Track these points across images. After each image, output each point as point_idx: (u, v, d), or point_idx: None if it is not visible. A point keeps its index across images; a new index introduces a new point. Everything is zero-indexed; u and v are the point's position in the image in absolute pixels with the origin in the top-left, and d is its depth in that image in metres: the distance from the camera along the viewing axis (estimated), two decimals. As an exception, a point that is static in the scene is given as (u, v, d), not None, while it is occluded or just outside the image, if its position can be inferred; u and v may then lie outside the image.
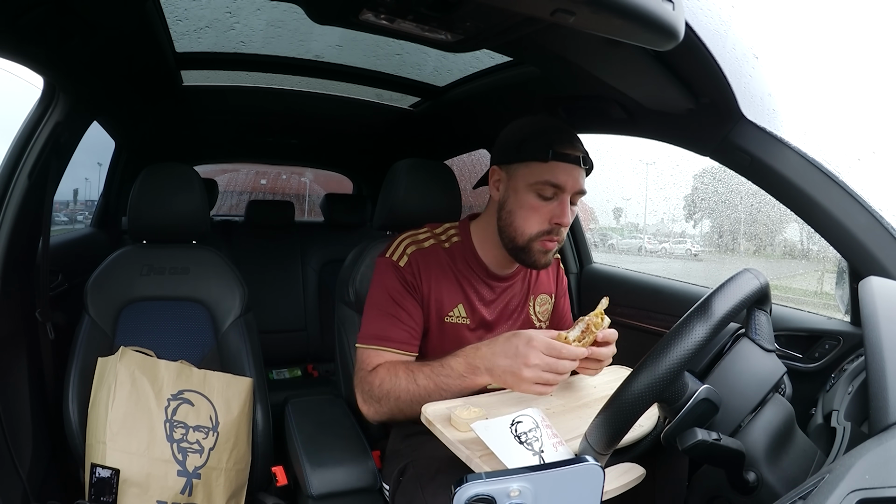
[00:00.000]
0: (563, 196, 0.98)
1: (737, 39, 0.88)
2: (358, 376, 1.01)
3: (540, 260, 1.01)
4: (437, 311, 1.04)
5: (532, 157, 0.97)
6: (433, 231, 1.10)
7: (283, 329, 2.19)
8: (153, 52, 1.23)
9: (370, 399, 0.98)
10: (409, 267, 1.03)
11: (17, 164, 1.11)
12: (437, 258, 1.05)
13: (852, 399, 0.77)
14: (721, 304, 0.66)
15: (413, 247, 1.05)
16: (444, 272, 1.05)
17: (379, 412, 0.98)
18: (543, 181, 0.96)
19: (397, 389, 0.94)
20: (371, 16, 0.75)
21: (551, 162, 0.95)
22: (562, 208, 0.98)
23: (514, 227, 1.00)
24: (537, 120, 1.03)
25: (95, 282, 1.23)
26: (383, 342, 1.00)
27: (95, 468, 1.03)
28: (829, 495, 0.46)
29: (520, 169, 0.99)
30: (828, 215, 0.96)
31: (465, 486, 0.50)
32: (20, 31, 0.89)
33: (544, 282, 1.18)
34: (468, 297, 1.07)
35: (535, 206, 0.98)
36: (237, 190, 4.41)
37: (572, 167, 0.97)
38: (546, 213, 0.98)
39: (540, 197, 0.98)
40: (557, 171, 0.96)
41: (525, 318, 1.14)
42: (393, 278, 1.02)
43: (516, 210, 1.00)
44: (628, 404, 0.63)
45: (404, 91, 1.69)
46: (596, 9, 0.61)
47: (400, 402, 0.94)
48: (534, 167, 0.97)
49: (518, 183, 0.99)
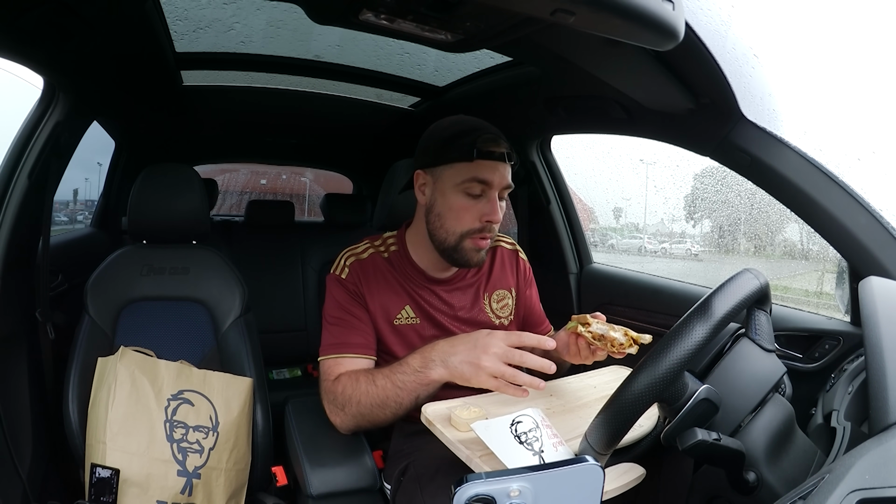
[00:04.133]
0: (491, 193, 0.99)
1: (737, 39, 0.88)
2: (322, 387, 1.03)
3: (473, 258, 1.02)
4: (384, 316, 1.05)
5: (457, 157, 0.98)
6: (373, 242, 1.11)
7: (283, 329, 2.19)
8: (153, 52, 1.23)
9: (335, 408, 0.99)
10: (351, 277, 1.05)
11: (17, 164, 1.11)
12: (376, 265, 1.07)
13: (852, 399, 0.77)
14: (721, 304, 0.66)
15: (352, 258, 1.08)
16: (385, 278, 1.07)
17: (345, 420, 0.98)
18: (470, 179, 0.97)
19: (358, 393, 0.94)
20: (371, 16, 0.75)
21: (477, 161, 0.96)
22: (491, 206, 0.99)
23: (444, 228, 1.01)
24: (458, 121, 1.04)
25: (95, 282, 1.23)
26: (340, 349, 1.02)
27: (95, 468, 1.03)
28: (829, 495, 0.46)
29: (446, 170, 1.00)
30: (828, 215, 0.95)
31: (465, 486, 0.50)
32: (20, 31, 0.89)
33: (499, 277, 1.17)
34: (414, 300, 1.08)
35: (464, 206, 0.99)
36: (237, 190, 4.42)
37: (497, 164, 0.98)
38: (476, 212, 0.99)
39: (468, 196, 0.99)
40: (483, 168, 0.97)
41: (481, 316, 1.13)
42: (339, 291, 1.05)
43: (445, 212, 1.00)
44: (628, 404, 0.63)
45: (404, 91, 1.69)
46: (596, 9, 0.61)
47: (361, 406, 0.94)
48: (459, 167, 0.98)
49: (445, 185, 1.00)
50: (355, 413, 0.96)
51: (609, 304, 1.55)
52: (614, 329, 0.90)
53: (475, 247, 1.01)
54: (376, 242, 1.11)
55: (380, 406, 0.92)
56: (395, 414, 0.93)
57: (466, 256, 1.02)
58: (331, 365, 1.02)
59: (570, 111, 1.35)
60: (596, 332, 0.90)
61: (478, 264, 1.05)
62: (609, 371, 1.08)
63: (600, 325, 0.91)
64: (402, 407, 0.92)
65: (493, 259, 1.17)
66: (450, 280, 1.11)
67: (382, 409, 0.93)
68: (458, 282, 1.12)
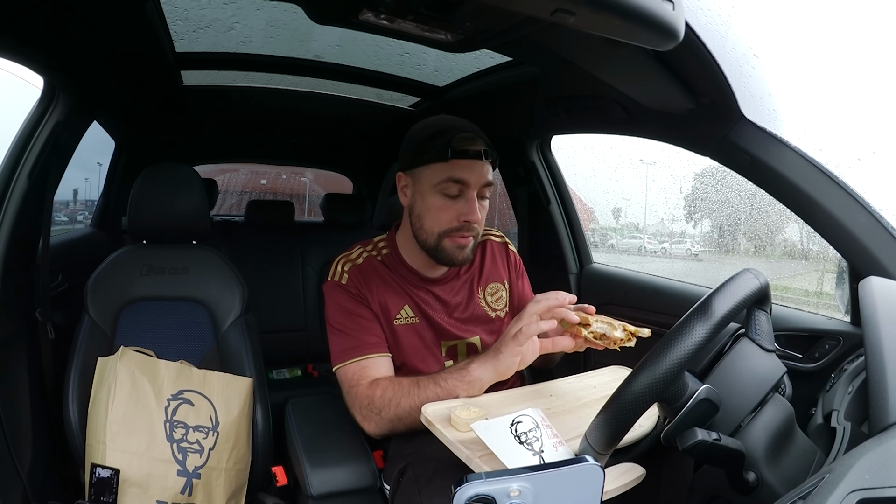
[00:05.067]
0: (468, 192, 0.99)
1: (737, 39, 0.88)
2: (352, 394, 1.00)
3: (457, 256, 1.02)
4: (385, 317, 1.05)
5: (433, 158, 0.98)
6: (364, 248, 1.11)
7: (283, 329, 2.19)
8: (153, 52, 1.23)
9: (370, 413, 0.97)
10: (352, 281, 1.05)
11: (17, 164, 1.11)
12: (373, 267, 1.07)
13: (852, 399, 0.77)
14: (721, 304, 0.66)
15: (348, 264, 1.07)
16: (383, 279, 1.07)
17: (380, 425, 0.97)
18: (446, 179, 0.97)
19: (399, 395, 0.94)
20: (371, 16, 0.75)
21: (452, 160, 0.96)
22: (469, 206, 0.99)
23: (424, 229, 1.02)
24: (435, 121, 1.04)
25: (95, 282, 1.23)
26: (358, 351, 1.01)
27: (95, 468, 1.03)
28: (829, 495, 0.46)
29: (423, 172, 1.00)
30: (828, 215, 0.95)
31: (465, 486, 0.50)
32: (20, 31, 0.89)
33: (491, 271, 1.17)
34: (412, 299, 1.08)
35: (441, 207, 0.99)
36: (237, 190, 4.42)
37: (474, 162, 0.97)
38: (454, 212, 0.99)
39: (446, 196, 0.99)
40: (459, 168, 0.97)
41: (477, 311, 1.13)
42: (342, 295, 1.04)
43: (424, 213, 1.01)
44: (628, 404, 0.63)
45: (404, 91, 1.69)
46: (596, 9, 0.61)
47: (401, 408, 0.93)
48: (435, 168, 0.98)
49: (423, 186, 1.00)
50: (392, 416, 0.94)
51: (609, 304, 1.55)
52: (614, 327, 0.91)
53: (455, 245, 1.01)
54: (368, 247, 1.12)
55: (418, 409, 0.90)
56: None
57: (450, 255, 1.02)
58: (355, 370, 1.00)
59: (570, 111, 1.35)
60: (597, 331, 0.90)
61: (464, 262, 1.05)
62: (609, 371, 1.09)
63: (600, 324, 0.91)
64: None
65: (483, 253, 1.18)
66: (443, 278, 1.11)
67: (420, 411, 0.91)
68: (451, 279, 1.13)
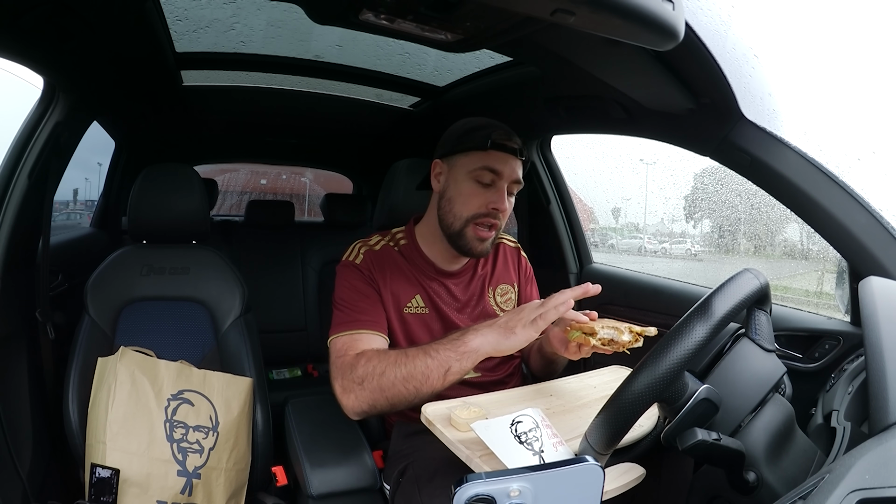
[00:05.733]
0: (500, 183, 1.04)
1: (737, 39, 0.88)
2: (337, 364, 0.97)
3: (476, 247, 1.06)
4: (394, 304, 1.07)
5: (472, 146, 1.04)
6: (383, 237, 1.15)
7: (283, 329, 2.19)
8: (153, 52, 1.23)
9: (351, 384, 0.92)
10: (365, 263, 1.08)
11: (17, 164, 1.11)
12: (390, 255, 1.11)
13: (852, 399, 0.77)
14: (721, 304, 0.66)
15: (366, 248, 1.11)
16: (398, 267, 1.10)
17: (360, 397, 0.91)
18: (482, 167, 1.03)
19: (384, 365, 0.90)
20: (371, 16, 0.75)
21: (490, 150, 1.02)
22: (499, 195, 1.03)
23: (452, 212, 1.06)
24: (478, 118, 1.10)
25: (95, 282, 1.23)
26: (354, 325, 1.01)
27: (95, 468, 1.03)
28: (829, 495, 0.46)
29: (461, 158, 1.05)
30: (828, 215, 0.95)
31: (465, 486, 0.50)
32: (20, 31, 0.89)
33: (503, 273, 1.21)
34: (425, 290, 1.10)
35: (473, 192, 1.04)
36: (237, 190, 4.42)
37: (509, 157, 1.04)
38: (484, 199, 1.03)
39: (479, 183, 1.04)
40: (495, 158, 1.03)
41: (486, 309, 1.16)
42: (353, 275, 1.07)
43: (455, 196, 1.05)
44: (628, 404, 0.63)
45: (404, 91, 1.69)
46: (596, 9, 0.61)
47: (384, 378, 0.89)
48: (473, 156, 1.04)
49: (458, 172, 1.05)
50: (375, 387, 0.89)
51: (609, 304, 1.54)
52: (621, 332, 0.88)
53: (477, 236, 1.05)
54: (386, 237, 1.15)
55: (404, 380, 0.87)
56: (417, 391, 0.88)
57: (470, 245, 1.06)
58: (346, 342, 0.99)
59: (570, 111, 1.35)
60: (605, 338, 0.87)
61: (482, 254, 1.08)
62: (609, 371, 1.09)
63: (607, 329, 0.87)
64: (426, 383, 0.87)
65: (496, 255, 1.22)
66: (458, 273, 1.15)
67: (405, 383, 0.87)
68: (465, 275, 1.16)
